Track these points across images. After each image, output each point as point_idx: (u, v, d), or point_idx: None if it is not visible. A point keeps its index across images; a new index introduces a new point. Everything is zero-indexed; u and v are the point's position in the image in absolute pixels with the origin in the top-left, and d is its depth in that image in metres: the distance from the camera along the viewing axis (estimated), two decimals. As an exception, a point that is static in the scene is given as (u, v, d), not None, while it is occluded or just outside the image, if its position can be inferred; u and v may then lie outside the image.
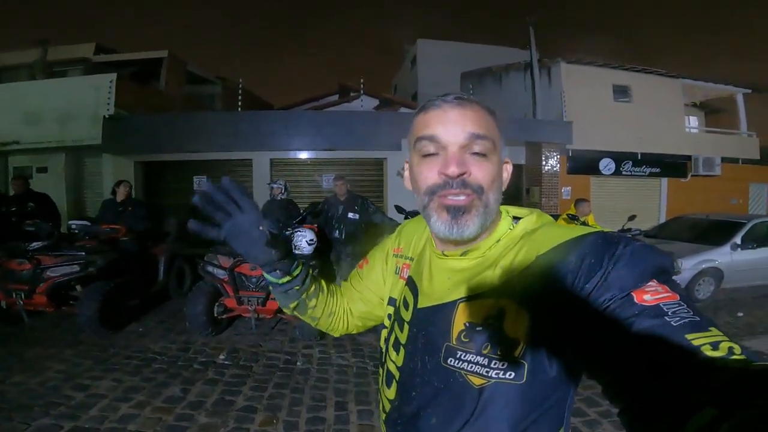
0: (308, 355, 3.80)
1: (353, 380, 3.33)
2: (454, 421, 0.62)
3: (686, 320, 0.45)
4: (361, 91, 10.24)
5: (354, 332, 0.98)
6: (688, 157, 10.66)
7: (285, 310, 0.89)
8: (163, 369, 3.43)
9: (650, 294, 0.49)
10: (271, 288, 0.83)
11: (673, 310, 0.47)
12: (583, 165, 9.86)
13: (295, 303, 0.86)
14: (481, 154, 0.64)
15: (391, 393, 0.76)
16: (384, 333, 0.84)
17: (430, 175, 0.65)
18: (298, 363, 3.63)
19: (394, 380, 0.75)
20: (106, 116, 7.75)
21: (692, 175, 10.72)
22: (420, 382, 0.68)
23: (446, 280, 0.70)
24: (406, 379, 0.72)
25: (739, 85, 12.66)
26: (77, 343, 3.91)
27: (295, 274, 0.81)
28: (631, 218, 5.94)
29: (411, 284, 0.78)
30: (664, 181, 10.71)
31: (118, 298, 4.21)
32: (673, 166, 10.62)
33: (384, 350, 0.82)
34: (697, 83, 11.79)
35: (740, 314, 5.28)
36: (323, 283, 0.92)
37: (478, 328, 0.62)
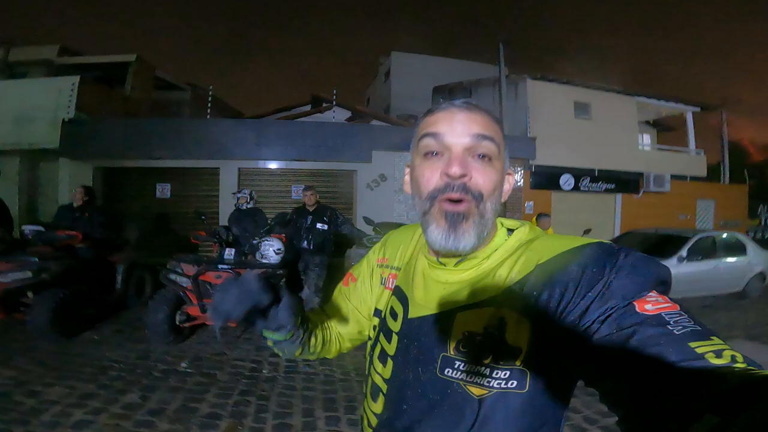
0: (275, 363, 3.77)
1: (320, 387, 3.33)
2: None
3: (688, 329, 0.46)
4: (334, 102, 10.31)
5: (345, 352, 0.94)
6: (641, 174, 11.27)
7: (290, 357, 0.83)
8: (121, 376, 3.33)
9: (651, 304, 0.50)
10: (273, 345, 0.77)
11: (675, 319, 0.47)
12: (545, 180, 10.25)
13: (300, 349, 0.80)
14: (486, 158, 0.63)
15: (377, 407, 0.73)
16: (368, 345, 0.82)
17: (432, 177, 0.64)
18: (264, 371, 3.60)
19: (380, 393, 0.72)
20: (66, 119, 7.48)
21: (644, 192, 11.33)
22: (412, 394, 0.66)
23: (441, 289, 0.68)
24: (396, 392, 0.69)
25: (689, 103, 13.34)
26: (28, 350, 3.75)
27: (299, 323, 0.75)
28: (586, 232, 6.26)
29: (399, 294, 0.76)
30: (619, 196, 11.25)
31: (72, 305, 4.06)
32: (626, 183, 11.18)
33: (368, 363, 0.79)
34: (650, 101, 12.43)
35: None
36: (315, 318, 0.89)
37: (478, 337, 0.60)
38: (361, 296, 0.88)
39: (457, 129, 0.63)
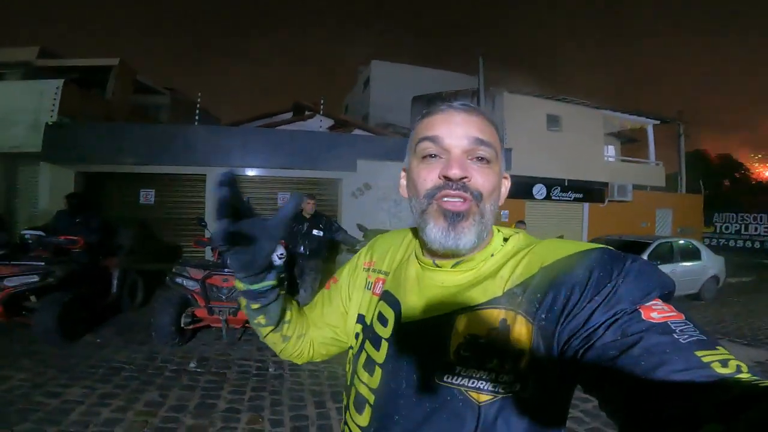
0: (278, 362, 3.95)
1: (327, 382, 3.56)
2: None
3: (694, 338, 0.45)
4: (321, 111, 10.53)
5: (317, 360, 0.89)
6: (606, 184, 12.04)
7: (261, 329, 0.80)
8: (134, 377, 3.45)
9: (657, 312, 0.49)
10: (245, 303, 0.75)
11: (681, 328, 0.47)
12: (520, 190, 10.79)
13: (277, 316, 0.78)
14: (484, 160, 0.64)
15: (363, 419, 0.69)
16: (350, 353, 0.78)
17: (429, 177, 0.64)
18: (271, 369, 3.79)
19: (366, 404, 0.68)
20: (49, 123, 7.37)
21: (609, 201, 12.11)
22: (405, 403, 0.62)
23: (438, 292, 0.66)
24: (385, 402, 0.65)
25: (650, 116, 14.36)
26: (32, 353, 3.80)
27: (276, 280, 0.74)
28: (559, 238, 6.76)
29: (389, 298, 0.72)
30: (586, 205, 11.98)
31: (75, 309, 4.13)
32: (593, 192, 11.94)
33: (351, 372, 0.75)
34: (615, 114, 13.34)
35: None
36: (294, 300, 0.87)
37: (481, 341, 0.58)
38: (341, 297, 0.86)
39: (455, 131, 0.63)
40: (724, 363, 0.42)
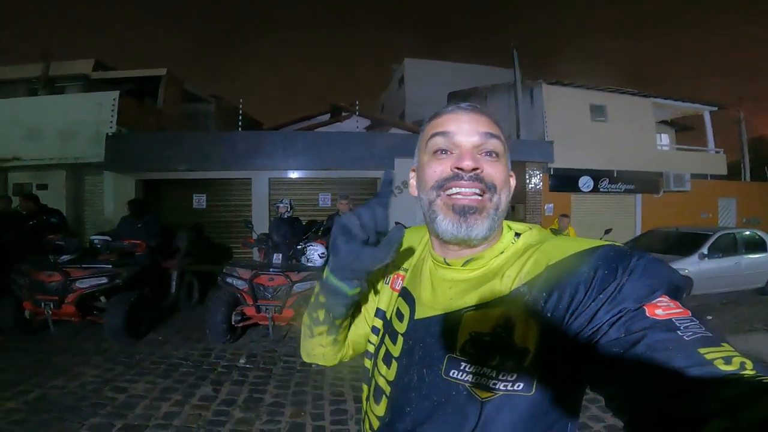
0: (321, 358, 4.13)
1: (367, 379, 3.68)
2: None
3: (699, 335, 0.45)
4: (356, 113, 10.69)
5: (345, 360, 0.88)
6: (660, 174, 11.39)
7: (314, 328, 0.77)
8: (191, 372, 3.72)
9: (662, 309, 0.49)
10: (326, 300, 0.71)
11: (685, 325, 0.47)
12: (564, 183, 10.48)
13: (340, 321, 0.76)
14: (493, 154, 0.66)
15: (380, 409, 0.72)
16: (370, 347, 0.80)
17: (440, 169, 0.65)
18: (314, 365, 3.95)
19: (383, 396, 0.72)
20: (109, 134, 7.97)
21: (664, 191, 11.44)
22: (416, 396, 0.65)
23: (448, 290, 0.68)
24: (399, 394, 0.68)
25: (706, 103, 13.41)
26: (103, 350, 4.17)
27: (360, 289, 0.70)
28: (607, 231, 6.49)
29: (406, 295, 0.75)
30: (639, 197, 11.40)
31: (140, 308, 4.49)
32: (646, 183, 11.34)
33: (371, 365, 0.78)
34: (666, 101, 12.58)
35: (710, 317, 5.83)
36: None
37: (485, 338, 0.60)
38: (366, 296, 0.85)
39: (465, 128, 0.66)
40: (728, 360, 0.42)
